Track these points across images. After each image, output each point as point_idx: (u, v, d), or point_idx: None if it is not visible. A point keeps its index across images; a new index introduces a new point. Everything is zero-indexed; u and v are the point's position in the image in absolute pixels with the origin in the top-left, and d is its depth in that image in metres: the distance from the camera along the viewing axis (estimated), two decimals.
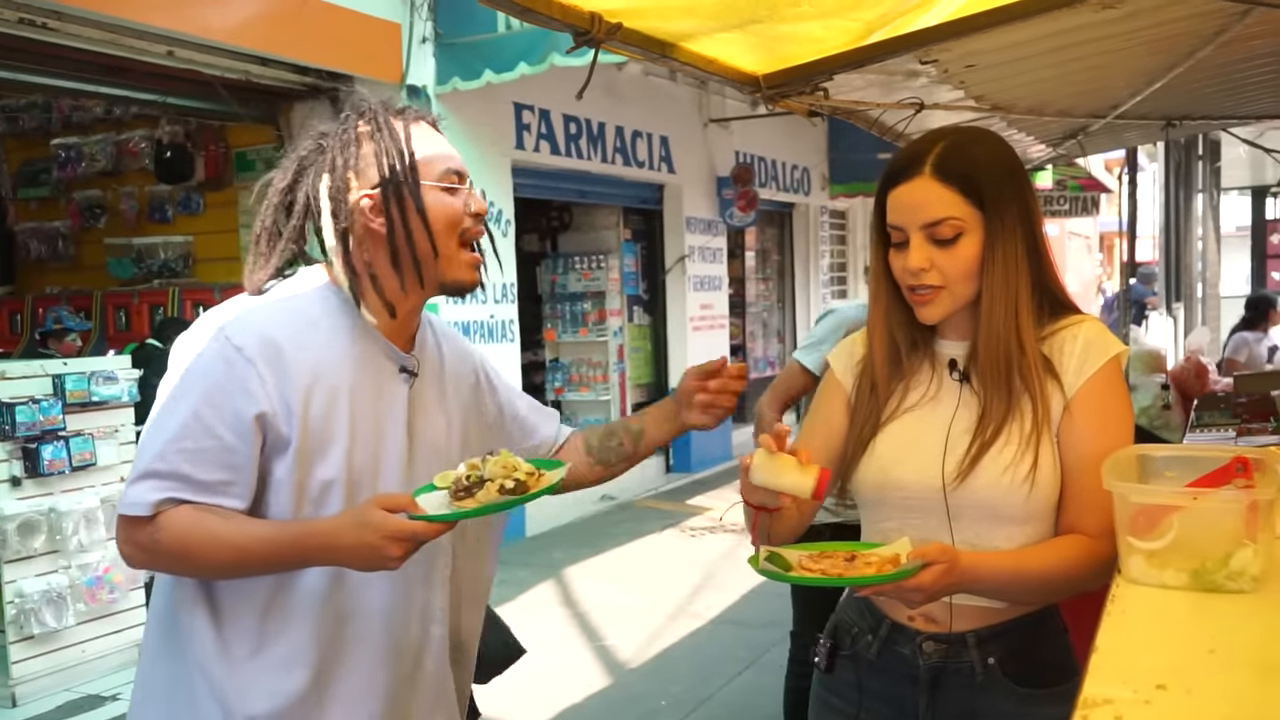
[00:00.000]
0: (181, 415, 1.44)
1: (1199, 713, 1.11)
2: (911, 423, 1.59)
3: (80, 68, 5.37)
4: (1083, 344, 1.54)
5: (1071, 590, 1.54)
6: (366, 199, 1.51)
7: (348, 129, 1.55)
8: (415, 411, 1.61)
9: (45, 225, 8.00)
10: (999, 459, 1.50)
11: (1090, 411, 1.53)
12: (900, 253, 1.54)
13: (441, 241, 1.53)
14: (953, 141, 1.54)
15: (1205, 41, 2.93)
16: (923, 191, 1.50)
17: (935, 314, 1.55)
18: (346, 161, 1.52)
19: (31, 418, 4.63)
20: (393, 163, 1.51)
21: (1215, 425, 3.75)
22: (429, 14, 6.43)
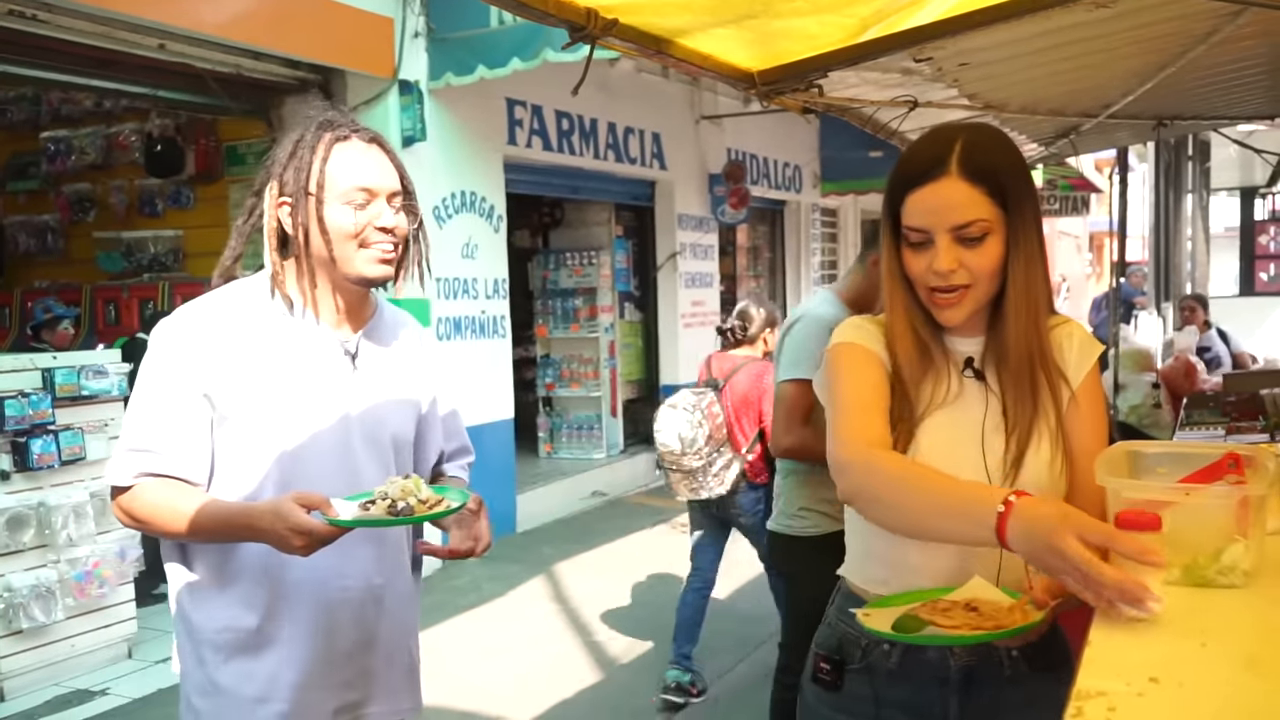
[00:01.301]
0: (150, 398, 1.71)
1: (1191, 705, 1.12)
2: (945, 422, 1.57)
3: (71, 60, 5.33)
4: (1078, 341, 1.62)
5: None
6: (284, 205, 1.74)
7: (289, 140, 1.77)
8: (357, 392, 1.80)
9: (34, 219, 7.96)
10: (1038, 456, 1.54)
11: (1088, 406, 1.60)
12: (921, 254, 1.51)
13: (338, 249, 1.71)
14: (972, 140, 1.51)
15: (1197, 42, 2.94)
16: (951, 193, 1.48)
17: (959, 316, 1.54)
18: (273, 170, 1.76)
19: (21, 411, 4.62)
20: (300, 180, 1.72)
21: (1205, 424, 3.77)
22: (422, 9, 6.41)
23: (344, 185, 1.71)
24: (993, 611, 1.36)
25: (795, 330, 2.89)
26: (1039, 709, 1.57)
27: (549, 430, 9.54)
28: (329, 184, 1.71)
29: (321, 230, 1.71)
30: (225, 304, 1.75)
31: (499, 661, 4.98)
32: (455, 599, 5.87)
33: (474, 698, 4.47)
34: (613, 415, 9.48)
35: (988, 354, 1.59)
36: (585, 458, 9.28)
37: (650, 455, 9.78)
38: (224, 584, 1.76)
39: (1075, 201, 13.25)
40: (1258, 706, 1.12)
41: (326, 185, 1.71)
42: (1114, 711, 1.08)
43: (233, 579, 1.75)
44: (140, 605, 5.32)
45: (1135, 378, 5.77)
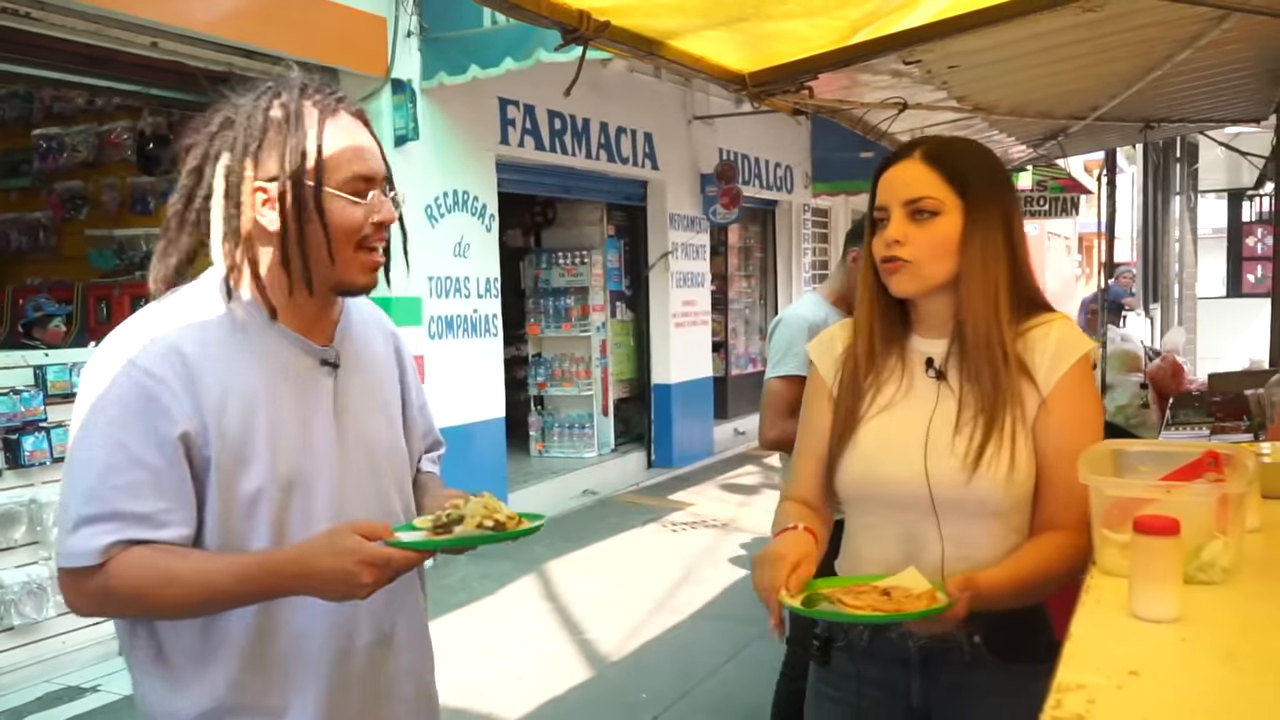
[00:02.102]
0: (104, 449, 1.34)
1: (1170, 698, 1.15)
2: (891, 420, 1.63)
3: (63, 58, 5.32)
4: (1055, 342, 1.59)
5: (1057, 586, 1.60)
6: (261, 191, 1.41)
7: (258, 108, 1.43)
8: (342, 406, 1.52)
9: (26, 216, 7.93)
10: (985, 457, 1.55)
11: (1065, 408, 1.58)
12: (880, 231, 1.62)
13: (336, 249, 1.43)
14: (944, 139, 1.68)
15: (1183, 45, 2.97)
16: (910, 171, 1.60)
17: (902, 285, 1.61)
18: (247, 145, 1.41)
19: (13, 408, 4.62)
20: (295, 161, 1.40)
21: (1190, 423, 3.80)
22: (414, 8, 6.42)
23: (344, 171, 1.42)
24: (901, 597, 1.43)
25: (778, 331, 3.07)
26: (1000, 697, 1.61)
27: (540, 429, 9.55)
28: (329, 169, 1.41)
29: (324, 227, 1.41)
30: (184, 316, 1.41)
31: (490, 660, 4.99)
32: (446, 597, 5.88)
33: (465, 696, 4.48)
34: (604, 414, 9.49)
35: (951, 353, 1.63)
36: (576, 457, 9.30)
37: (641, 454, 9.81)
38: (206, 661, 1.43)
39: (1065, 203, 13.30)
40: (1235, 700, 1.14)
41: (327, 170, 1.41)
42: (1093, 704, 1.10)
43: (215, 654, 1.43)
44: None
45: (1123, 378, 5.80)
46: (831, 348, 1.74)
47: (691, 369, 10.26)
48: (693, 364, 10.29)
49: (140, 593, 1.35)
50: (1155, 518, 1.37)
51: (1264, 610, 1.42)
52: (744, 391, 11.69)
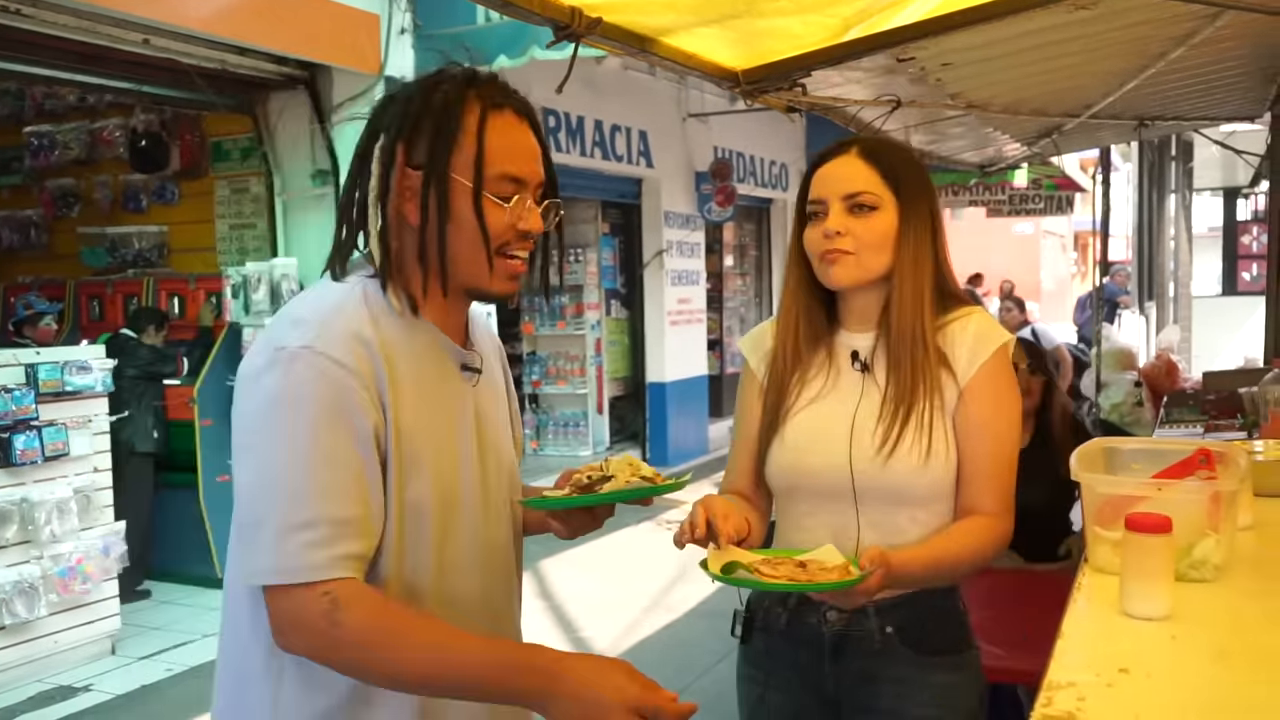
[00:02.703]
0: (302, 449, 1.20)
1: (1159, 695, 1.15)
2: (817, 412, 1.68)
3: (55, 55, 5.30)
4: (973, 335, 1.63)
5: (979, 568, 1.64)
6: (407, 179, 1.31)
7: (420, 91, 1.33)
8: (481, 417, 1.41)
9: (17, 214, 7.89)
10: (902, 445, 1.59)
11: (983, 398, 1.61)
12: (816, 224, 1.65)
13: (475, 254, 1.31)
14: (877, 138, 1.78)
15: (1177, 43, 2.97)
16: (848, 166, 1.65)
17: (843, 275, 1.64)
18: (401, 128, 1.31)
19: (4, 407, 4.60)
20: (444, 152, 1.29)
21: (1184, 422, 3.80)
22: (408, 5, 6.40)
23: (495, 169, 1.30)
24: (816, 570, 1.45)
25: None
26: (907, 686, 1.64)
27: (535, 427, 9.55)
28: (484, 165, 1.30)
29: (464, 226, 1.30)
30: (349, 301, 1.30)
31: None
32: None
33: None
34: (599, 412, 9.49)
35: (877, 347, 1.67)
36: (571, 455, 9.29)
37: (635, 452, 9.81)
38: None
39: (1060, 201, 13.27)
40: (1225, 696, 1.14)
41: (481, 166, 1.30)
42: (1083, 701, 1.10)
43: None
44: (124, 601, 5.31)
45: (1117, 376, 5.81)
46: (762, 343, 1.78)
47: (686, 367, 10.25)
48: (687, 362, 10.29)
49: (370, 637, 1.18)
50: (1147, 515, 1.37)
51: (1255, 608, 1.42)
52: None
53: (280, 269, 6.21)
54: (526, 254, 1.36)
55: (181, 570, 6.21)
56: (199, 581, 6.16)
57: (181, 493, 6.06)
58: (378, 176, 1.31)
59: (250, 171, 6.85)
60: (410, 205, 1.31)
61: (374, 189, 1.31)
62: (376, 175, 1.31)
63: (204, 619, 5.68)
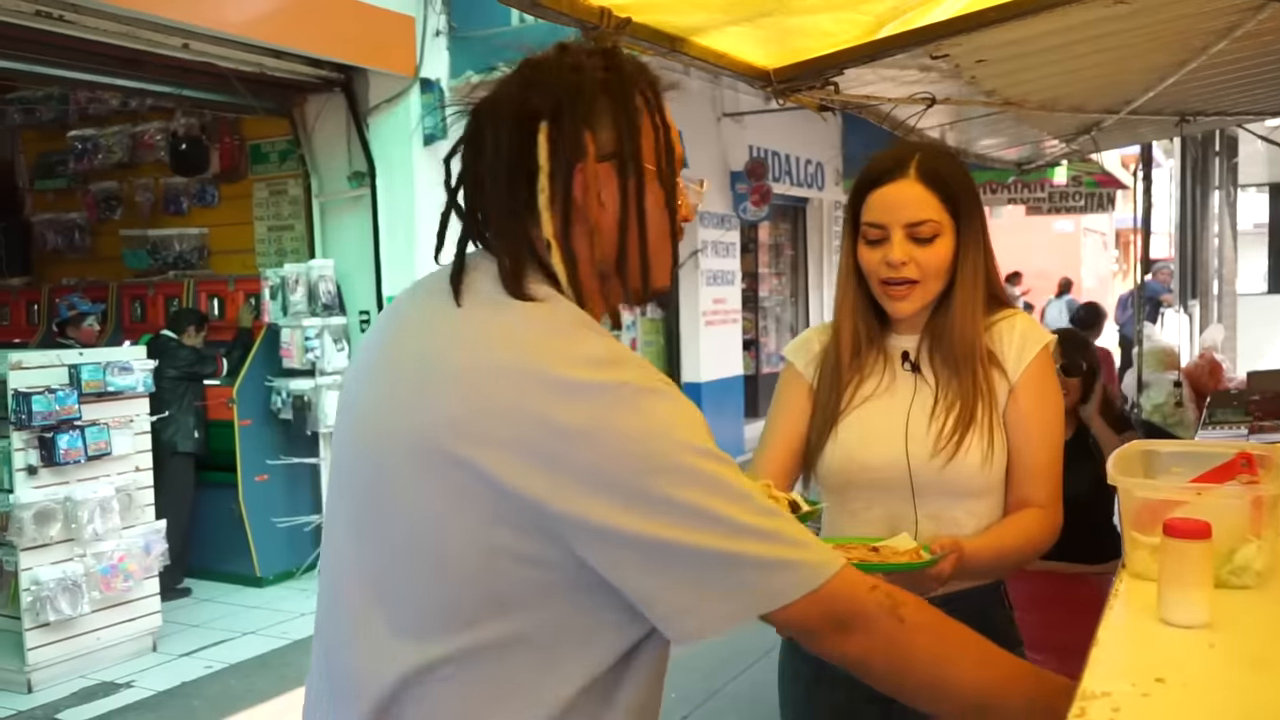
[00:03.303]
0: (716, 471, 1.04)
1: (1195, 706, 1.12)
2: (871, 410, 1.72)
3: (96, 60, 5.39)
4: (1020, 335, 1.70)
5: (1035, 558, 1.70)
6: (600, 169, 1.10)
7: (581, 66, 1.12)
8: None
9: (62, 217, 8.04)
10: (966, 444, 1.65)
11: (1031, 395, 1.68)
12: (876, 248, 1.67)
13: (662, 249, 1.17)
14: (929, 152, 1.71)
15: (1219, 37, 2.92)
16: (908, 192, 1.65)
17: (909, 309, 1.69)
18: (580, 112, 1.09)
19: (48, 407, 4.68)
20: (634, 142, 1.11)
21: (1228, 422, 3.73)
22: (443, 7, 6.43)
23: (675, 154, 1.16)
24: (888, 554, 1.49)
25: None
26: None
27: None
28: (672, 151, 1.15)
29: (660, 222, 1.15)
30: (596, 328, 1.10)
31: None
32: None
33: None
34: None
35: (923, 347, 1.72)
36: None
37: None
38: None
39: (1101, 198, 13.11)
40: (1262, 707, 1.11)
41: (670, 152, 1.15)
42: (1118, 712, 1.07)
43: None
44: (165, 599, 5.38)
45: (1159, 376, 5.72)
46: (809, 347, 1.82)
47: (722, 367, 10.22)
48: (723, 362, 10.26)
49: (931, 636, 1.14)
50: (1185, 521, 1.34)
51: None
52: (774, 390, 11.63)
53: (317, 270, 6.27)
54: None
55: (221, 569, 6.29)
56: (237, 580, 6.23)
57: (221, 491, 6.14)
58: (548, 174, 1.08)
59: (288, 173, 6.93)
60: (596, 204, 1.11)
61: (545, 187, 1.09)
62: (547, 171, 1.08)
63: (243, 617, 5.74)
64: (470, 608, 1.04)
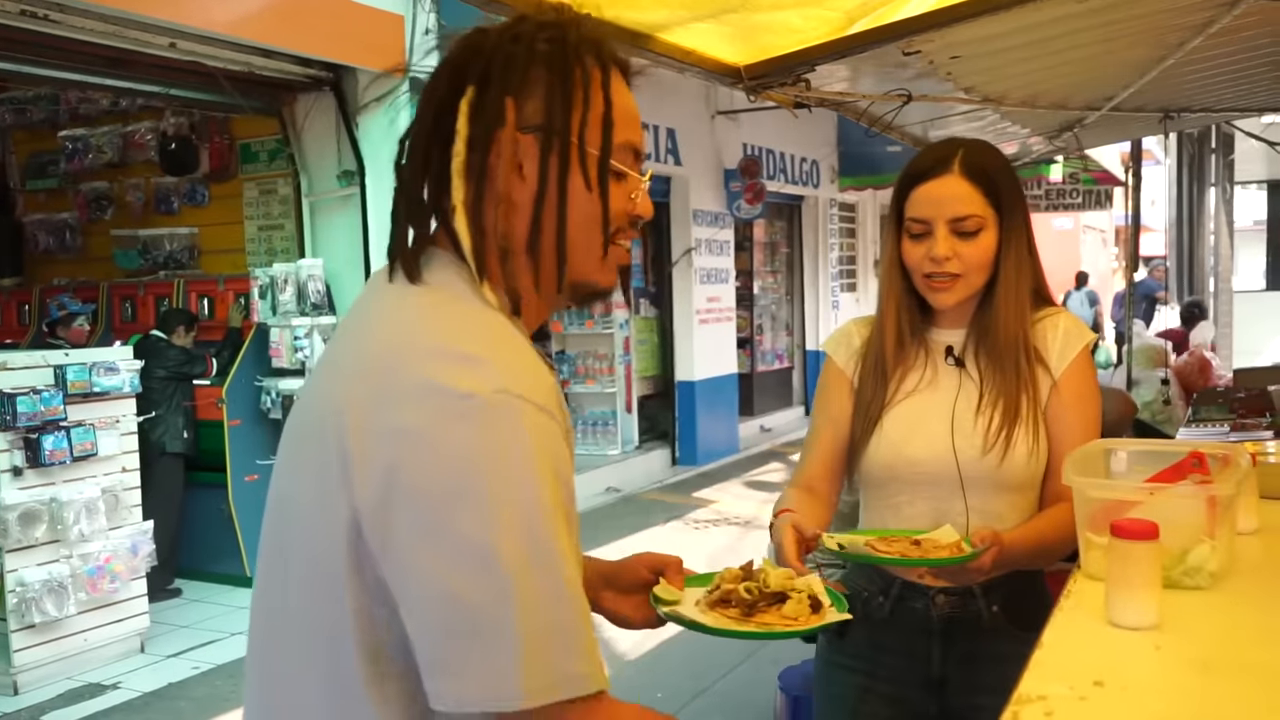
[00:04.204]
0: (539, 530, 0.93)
1: (1131, 710, 1.10)
2: (915, 405, 1.74)
3: (84, 60, 5.38)
4: (1063, 333, 1.72)
5: (1072, 548, 1.68)
6: (519, 143, 1.04)
7: (520, 35, 1.06)
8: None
9: (53, 217, 8.04)
10: (1015, 439, 1.67)
11: (1073, 391, 1.71)
12: (920, 243, 1.69)
13: (590, 237, 1.08)
14: (973, 147, 1.72)
15: (1194, 32, 2.90)
16: (952, 188, 1.67)
17: (951, 300, 1.70)
18: (507, 80, 1.03)
19: (33, 408, 4.67)
20: (565, 115, 1.04)
21: (1211, 420, 3.71)
22: (432, 5, 6.42)
23: (620, 136, 1.07)
24: (930, 547, 1.52)
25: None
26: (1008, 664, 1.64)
27: None
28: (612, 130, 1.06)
29: (585, 204, 1.05)
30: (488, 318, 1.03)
31: None
32: None
33: None
34: (627, 411, 9.47)
35: (968, 342, 1.74)
36: (600, 454, 9.28)
37: (664, 451, 9.78)
38: None
39: (1098, 195, 13.09)
40: (1203, 711, 1.09)
41: (610, 131, 1.06)
42: (1050, 716, 1.06)
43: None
44: (152, 600, 5.38)
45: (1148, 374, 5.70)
46: (849, 342, 1.83)
47: (716, 365, 10.21)
48: (717, 360, 10.25)
49: None
50: (1132, 521, 1.32)
51: (1249, 618, 1.36)
52: (770, 388, 11.63)
53: (307, 269, 6.26)
54: (629, 243, 1.14)
55: (210, 569, 6.28)
56: (227, 580, 6.22)
57: (210, 492, 6.13)
58: (465, 139, 1.03)
59: (278, 173, 6.92)
60: (516, 178, 1.04)
61: (460, 153, 1.03)
62: (464, 137, 1.03)
63: (232, 617, 5.73)
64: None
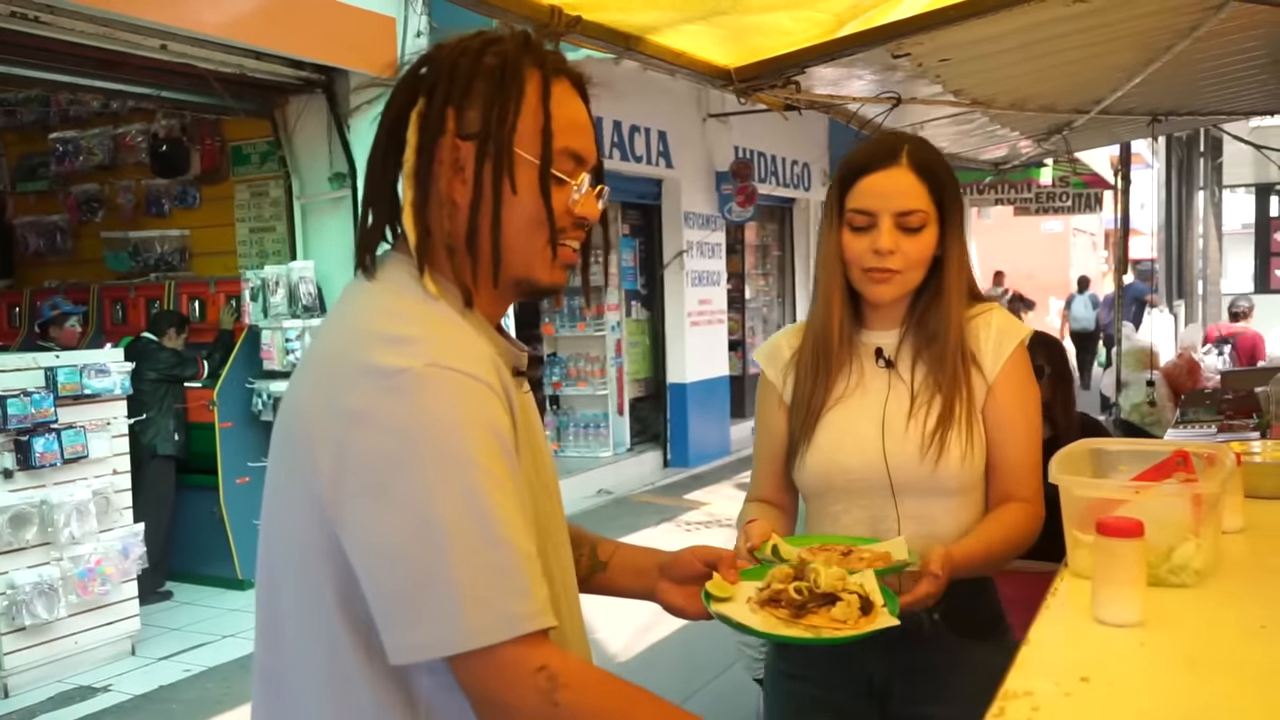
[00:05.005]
0: (471, 484, 1.00)
1: (1117, 705, 1.11)
2: (847, 410, 1.69)
3: (74, 62, 5.36)
4: (997, 330, 1.68)
5: (1022, 550, 1.67)
6: (457, 149, 1.13)
7: (466, 50, 1.15)
8: (535, 427, 1.24)
9: (43, 219, 8.00)
10: (948, 441, 1.63)
11: (1011, 391, 1.67)
12: (863, 235, 1.64)
13: (530, 239, 1.15)
14: (918, 142, 1.69)
15: (1181, 36, 2.92)
16: (899, 180, 1.63)
17: (890, 294, 1.66)
18: (451, 91, 1.13)
19: (23, 410, 4.65)
20: (500, 124, 1.11)
21: (1199, 421, 3.74)
22: (424, 8, 6.41)
23: (559, 144, 1.15)
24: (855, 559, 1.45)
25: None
26: (949, 673, 1.66)
27: (555, 428, 9.55)
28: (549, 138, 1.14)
29: (522, 207, 1.13)
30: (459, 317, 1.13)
31: None
32: None
33: None
34: (619, 414, 9.48)
35: (902, 344, 1.70)
36: (591, 456, 9.28)
37: (656, 453, 9.78)
38: None
39: (1088, 199, 13.14)
40: (1187, 707, 1.10)
41: (548, 139, 1.14)
42: (1037, 711, 1.07)
43: None
44: (143, 603, 5.36)
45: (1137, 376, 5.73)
46: (780, 354, 1.80)
47: (707, 368, 10.22)
48: (709, 363, 10.26)
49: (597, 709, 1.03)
50: (1118, 519, 1.33)
51: (1233, 615, 1.38)
52: None
53: (298, 272, 6.25)
54: (578, 244, 1.21)
55: (201, 572, 6.26)
56: (219, 583, 6.21)
57: (202, 494, 6.12)
58: (414, 146, 1.13)
59: (269, 175, 6.91)
60: (458, 181, 1.13)
61: (409, 159, 1.13)
62: (413, 145, 1.13)
63: (223, 620, 5.72)
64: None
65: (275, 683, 1.15)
